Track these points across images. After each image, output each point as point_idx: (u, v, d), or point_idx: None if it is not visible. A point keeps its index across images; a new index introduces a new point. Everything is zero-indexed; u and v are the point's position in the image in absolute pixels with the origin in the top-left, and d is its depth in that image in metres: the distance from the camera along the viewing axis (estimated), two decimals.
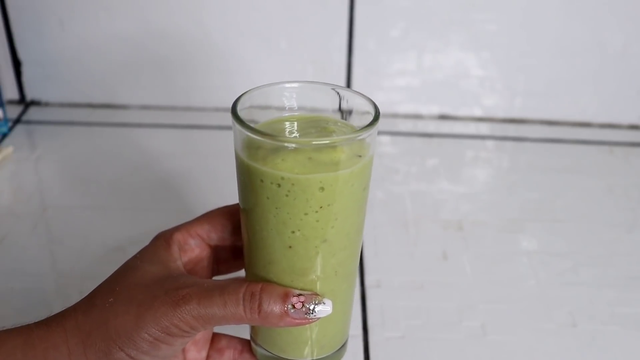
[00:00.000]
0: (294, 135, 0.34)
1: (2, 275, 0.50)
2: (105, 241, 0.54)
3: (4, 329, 0.32)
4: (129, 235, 0.55)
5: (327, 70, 0.72)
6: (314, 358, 0.37)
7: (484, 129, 0.73)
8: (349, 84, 0.73)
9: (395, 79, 0.72)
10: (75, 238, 0.55)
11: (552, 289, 0.51)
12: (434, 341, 0.46)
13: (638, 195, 0.63)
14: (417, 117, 0.75)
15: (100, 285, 0.34)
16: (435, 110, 0.75)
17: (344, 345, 0.38)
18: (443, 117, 0.75)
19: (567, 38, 0.70)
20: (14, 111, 0.73)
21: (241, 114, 0.32)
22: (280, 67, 0.72)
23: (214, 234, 0.38)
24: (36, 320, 0.33)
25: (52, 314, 0.33)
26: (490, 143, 0.71)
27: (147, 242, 0.37)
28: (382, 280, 0.51)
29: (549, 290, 0.51)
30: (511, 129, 0.73)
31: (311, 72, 0.72)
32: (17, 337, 0.31)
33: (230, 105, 0.33)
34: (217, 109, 0.74)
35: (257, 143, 0.31)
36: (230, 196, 0.39)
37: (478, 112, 0.74)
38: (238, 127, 0.32)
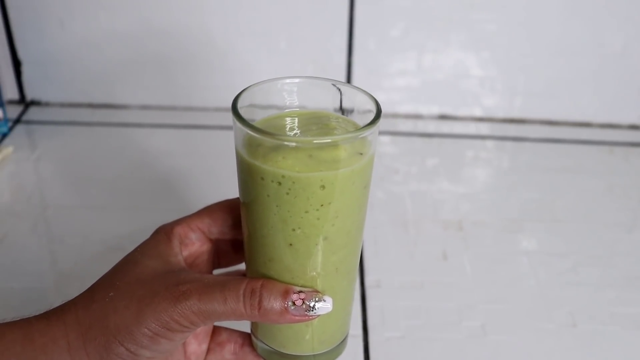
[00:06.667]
0: (295, 132, 0.34)
1: (2, 275, 0.50)
2: (105, 240, 0.54)
3: (4, 322, 0.32)
4: (129, 234, 0.55)
5: (327, 70, 0.72)
6: (314, 353, 0.37)
7: (484, 129, 0.73)
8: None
9: (395, 79, 0.72)
10: (75, 237, 0.55)
11: (552, 289, 0.51)
12: (434, 341, 0.46)
13: (638, 195, 0.63)
14: (417, 117, 0.75)
15: (100, 280, 0.34)
16: (435, 110, 0.75)
17: (343, 341, 0.39)
18: (443, 117, 0.75)
19: (567, 38, 0.70)
20: (14, 111, 0.73)
21: (241, 111, 0.32)
22: (281, 67, 0.72)
23: (214, 228, 0.38)
24: (36, 314, 0.33)
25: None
26: (490, 143, 0.71)
27: None
28: (382, 280, 0.51)
29: (549, 290, 0.51)
30: (511, 129, 0.73)
31: (311, 72, 0.72)
32: (17, 331, 0.31)
33: (230, 105, 0.33)
34: (218, 109, 0.74)
35: (257, 141, 0.31)
36: (231, 195, 0.39)
37: (478, 112, 0.74)
38: (238, 124, 0.31)
